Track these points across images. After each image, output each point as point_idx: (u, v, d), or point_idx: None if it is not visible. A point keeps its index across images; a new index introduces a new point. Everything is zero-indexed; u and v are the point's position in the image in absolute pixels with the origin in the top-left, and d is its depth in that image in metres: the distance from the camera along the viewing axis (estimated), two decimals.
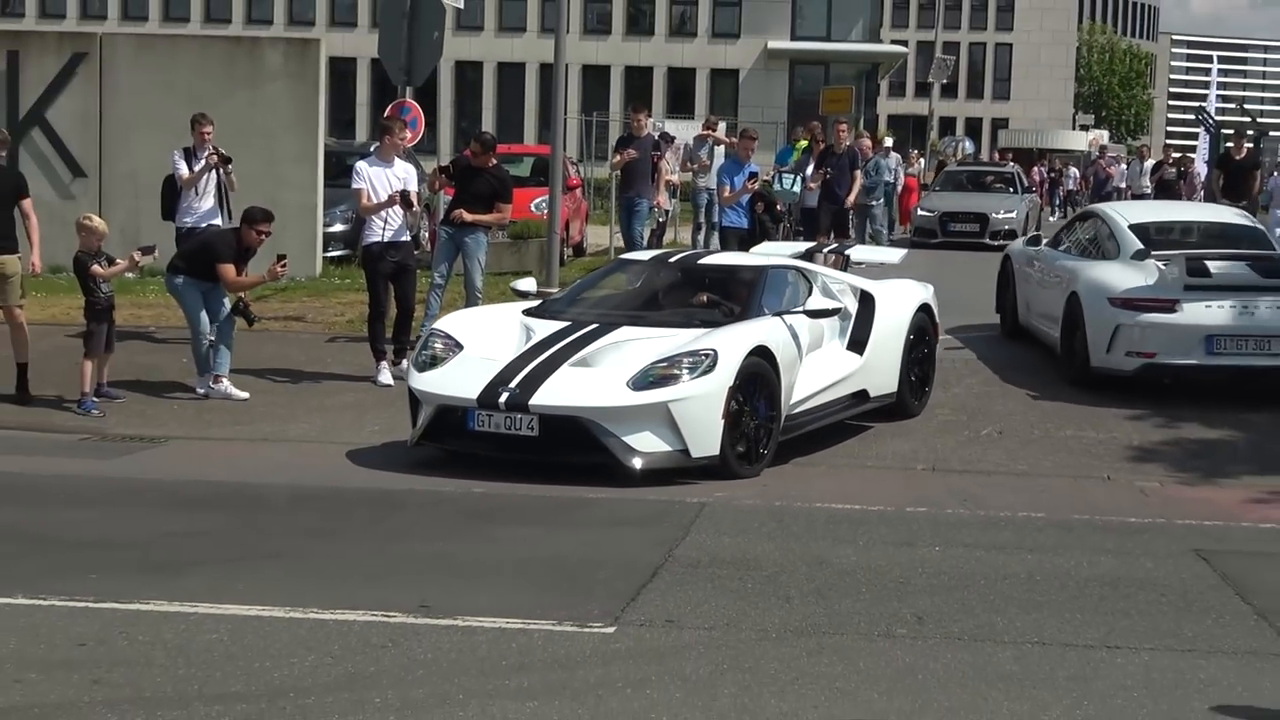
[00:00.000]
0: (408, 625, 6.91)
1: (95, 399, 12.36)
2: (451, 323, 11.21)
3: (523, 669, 6.34)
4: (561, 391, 10.01)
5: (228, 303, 12.93)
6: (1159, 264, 13.81)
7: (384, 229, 13.52)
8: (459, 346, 10.72)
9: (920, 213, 30.97)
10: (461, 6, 18.18)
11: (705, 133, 25.54)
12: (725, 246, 16.59)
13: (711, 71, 54.18)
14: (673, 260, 12.48)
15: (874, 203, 25.48)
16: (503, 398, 10.03)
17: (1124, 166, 39.26)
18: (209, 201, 15.02)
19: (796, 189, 22.36)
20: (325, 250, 21.35)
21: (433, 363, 10.62)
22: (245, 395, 12.88)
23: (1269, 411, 13.19)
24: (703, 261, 12.32)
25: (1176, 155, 33.98)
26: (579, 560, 8.16)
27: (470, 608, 7.17)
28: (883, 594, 7.63)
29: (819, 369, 11.27)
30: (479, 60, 54.56)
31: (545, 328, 10.94)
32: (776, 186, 24.27)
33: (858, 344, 11.83)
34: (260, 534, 8.68)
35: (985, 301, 18.97)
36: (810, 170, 22.11)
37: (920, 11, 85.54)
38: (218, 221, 14.74)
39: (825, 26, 53.86)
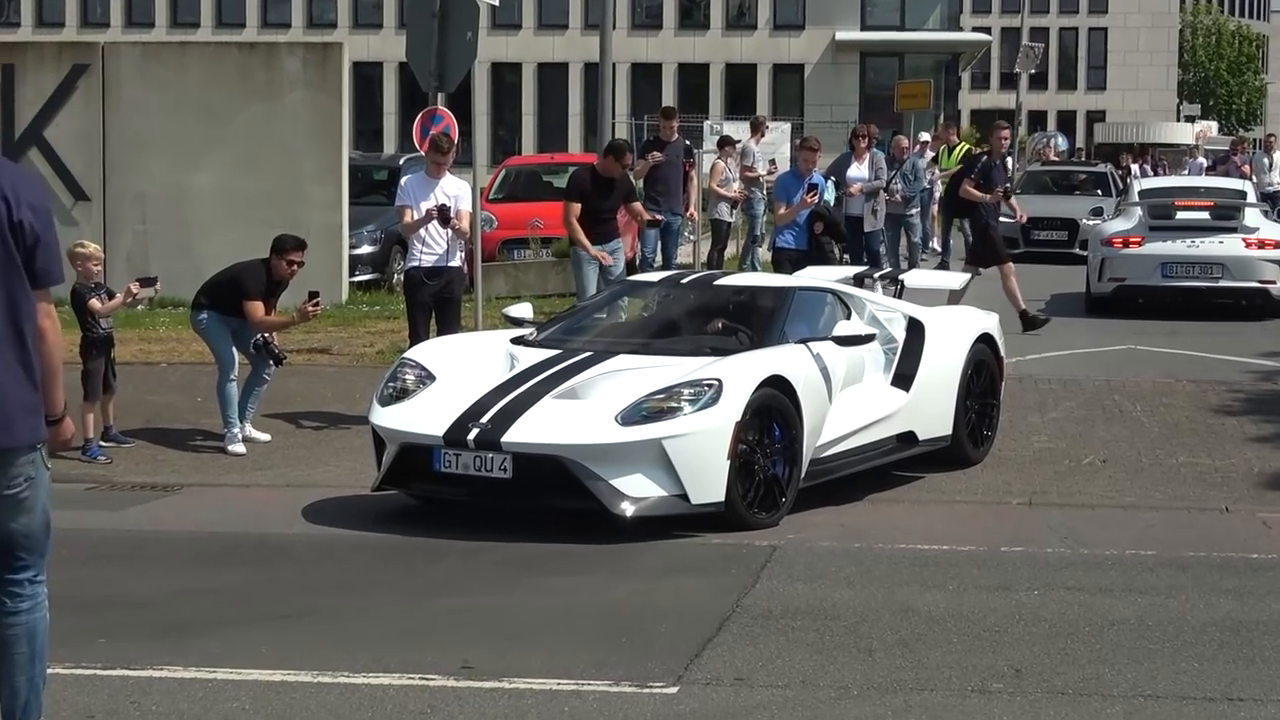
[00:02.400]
0: (448, 689, 6.89)
1: (102, 444, 12.42)
2: (425, 351, 11.06)
3: None
4: (540, 427, 9.76)
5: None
6: (1140, 211, 20.55)
7: (423, 251, 13.48)
8: (431, 378, 10.51)
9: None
10: (497, 3, 18.28)
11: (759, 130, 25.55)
12: (779, 271, 16.40)
13: (774, 67, 54.24)
14: (685, 282, 12.26)
15: (911, 212, 24.38)
16: (472, 434, 9.80)
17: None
18: None
19: (829, 195, 21.71)
20: (352, 274, 21.43)
21: (400, 396, 10.43)
22: (266, 437, 12.91)
23: None
24: (720, 283, 12.12)
25: None
26: (636, 612, 8.13)
27: (517, 668, 7.15)
28: (976, 645, 7.58)
29: (856, 406, 10.96)
30: (517, 61, 54.82)
31: (531, 357, 10.70)
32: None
33: (904, 379, 11.46)
34: (284, 590, 8.69)
35: (1078, 318, 18.92)
36: (854, 174, 21.53)
37: None
38: None
39: (899, 14, 53.87)
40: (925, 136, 28.10)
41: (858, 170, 21.60)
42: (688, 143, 22.47)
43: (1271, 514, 10.62)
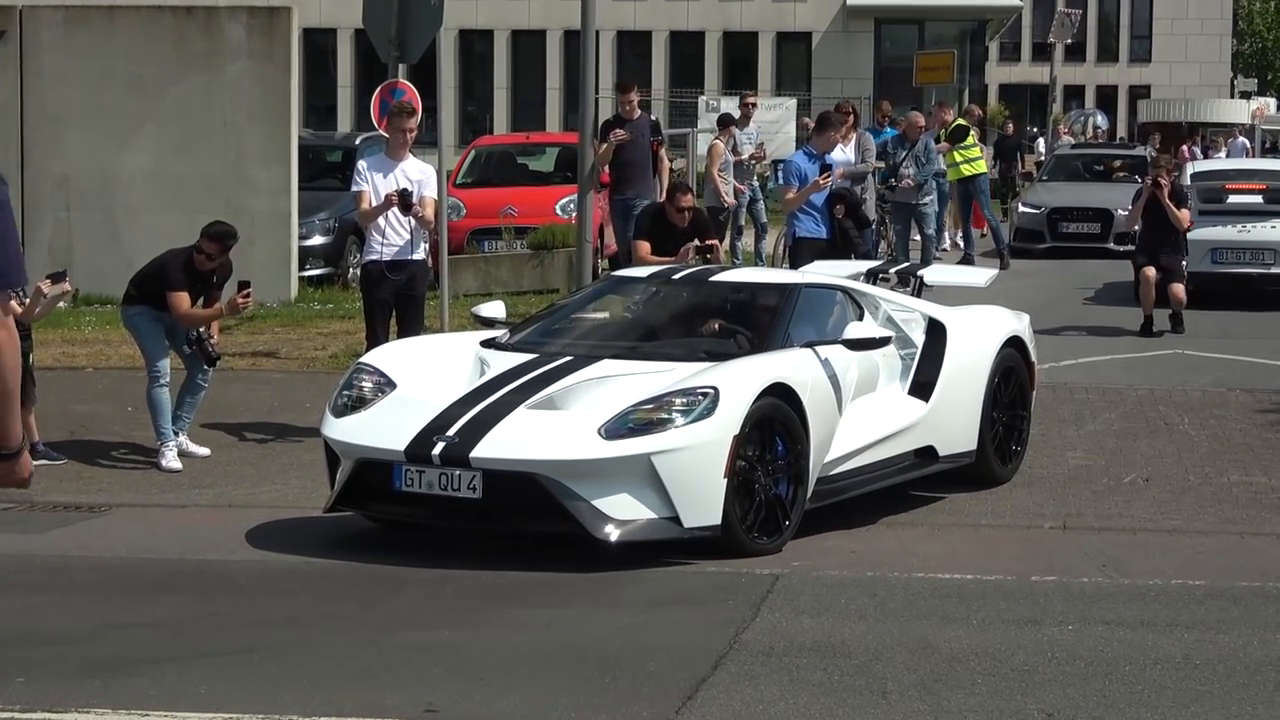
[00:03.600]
0: None
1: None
2: (385, 355, 11.12)
3: None
4: (513, 440, 9.81)
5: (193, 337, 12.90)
6: (1190, 194, 21.00)
7: (383, 244, 13.49)
8: (391, 385, 10.57)
9: (1023, 209, 30.37)
10: None
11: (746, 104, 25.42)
12: (797, 263, 16.43)
13: (777, 36, 54.21)
14: (678, 278, 12.31)
15: (924, 200, 23.71)
16: (438, 449, 9.84)
17: None
18: None
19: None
20: (302, 268, 21.46)
21: (356, 405, 10.48)
22: (205, 451, 12.93)
23: None
24: (716, 279, 12.19)
25: None
26: (621, 649, 8.16)
27: (487, 711, 7.17)
28: (1003, 686, 7.60)
29: (868, 418, 11.03)
30: (488, 28, 54.76)
31: (504, 361, 10.76)
32: (773, 182, 23.60)
33: (923, 387, 11.52)
34: (225, 624, 8.71)
35: (1123, 307, 18.93)
36: (836, 157, 20.83)
37: None
38: None
39: None
40: (919, 119, 26.95)
41: (840, 153, 20.68)
42: (655, 118, 22.30)
43: None
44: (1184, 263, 19.56)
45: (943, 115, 28.06)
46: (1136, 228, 20.40)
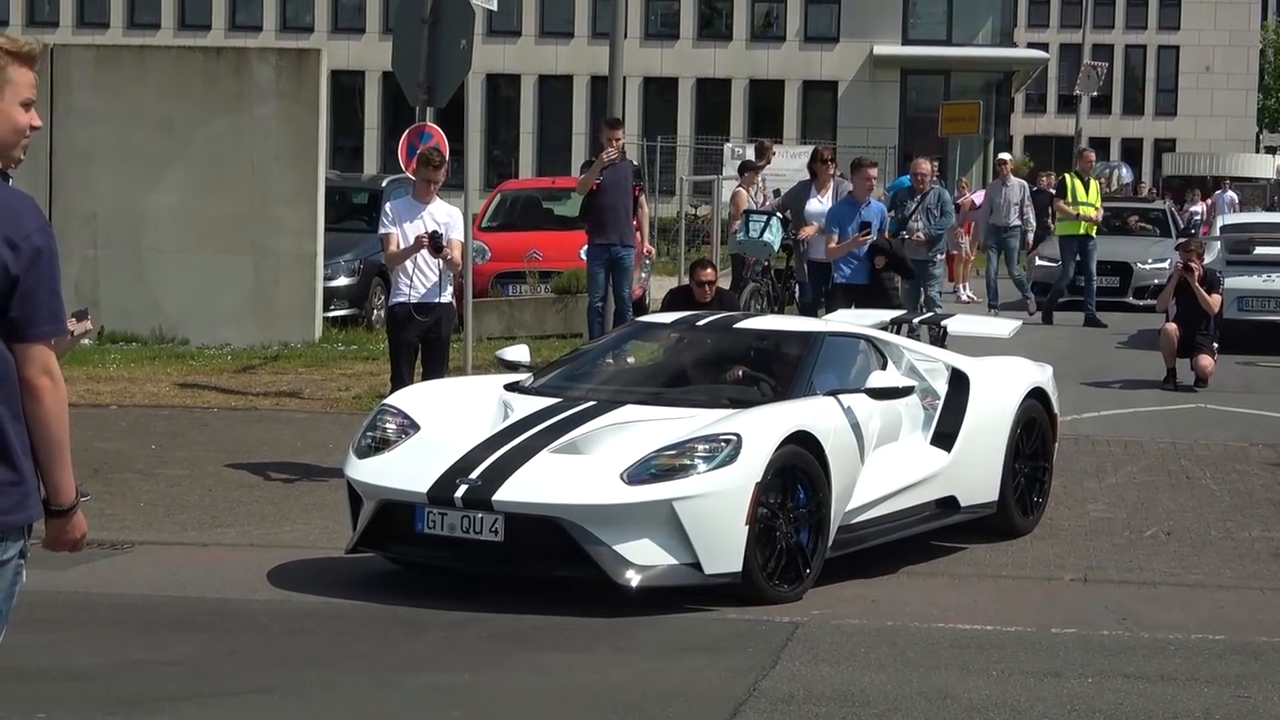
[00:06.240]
0: None
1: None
2: (409, 397, 11.16)
3: None
4: (536, 484, 9.83)
5: None
6: (1219, 246, 23.70)
7: (411, 286, 13.56)
8: (415, 427, 10.60)
9: (1040, 263, 30.30)
10: (494, 8, 18.36)
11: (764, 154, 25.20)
12: (833, 308, 16.51)
13: (803, 84, 54.41)
14: (702, 324, 12.37)
15: (936, 259, 21.91)
16: (460, 491, 9.86)
17: None
18: None
19: (771, 238, 20.51)
20: (326, 309, 21.53)
21: (379, 447, 10.51)
22: None
23: None
24: (740, 326, 12.25)
25: None
26: (641, 695, 8.16)
27: None
28: None
29: (890, 467, 11.04)
30: (515, 73, 55.01)
31: (527, 405, 10.79)
32: (741, 235, 21.39)
33: (945, 437, 11.55)
34: (246, 663, 8.73)
35: (1148, 351, 18.88)
36: (814, 208, 19.62)
37: (1064, 8, 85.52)
38: None
39: (945, 27, 54.01)
40: (925, 166, 22.56)
41: (818, 204, 19.70)
42: (635, 163, 22.13)
43: None
44: (1215, 344, 19.37)
45: (1088, 162, 27.84)
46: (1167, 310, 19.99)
